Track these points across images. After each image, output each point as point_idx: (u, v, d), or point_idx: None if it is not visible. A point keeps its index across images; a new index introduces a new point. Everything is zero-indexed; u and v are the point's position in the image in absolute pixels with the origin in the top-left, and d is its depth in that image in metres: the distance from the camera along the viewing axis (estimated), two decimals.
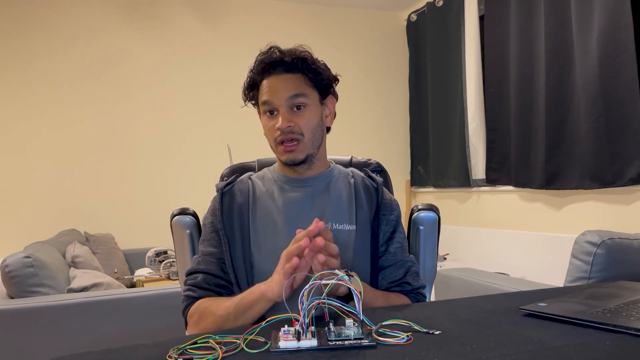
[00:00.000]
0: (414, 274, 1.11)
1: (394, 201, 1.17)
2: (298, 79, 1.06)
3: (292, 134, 1.04)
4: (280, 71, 1.06)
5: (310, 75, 1.06)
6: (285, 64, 1.06)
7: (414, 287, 1.10)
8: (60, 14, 3.57)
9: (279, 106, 1.05)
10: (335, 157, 1.30)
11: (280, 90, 1.05)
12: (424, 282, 1.13)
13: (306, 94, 1.06)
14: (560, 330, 0.76)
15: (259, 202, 1.11)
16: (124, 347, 0.74)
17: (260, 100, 1.09)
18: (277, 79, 1.06)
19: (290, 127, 1.04)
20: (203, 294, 1.04)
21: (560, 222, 2.92)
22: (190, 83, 3.85)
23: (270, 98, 1.06)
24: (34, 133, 3.49)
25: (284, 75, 1.06)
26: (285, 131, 1.04)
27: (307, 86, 1.06)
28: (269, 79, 1.07)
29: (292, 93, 1.05)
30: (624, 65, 2.41)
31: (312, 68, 1.06)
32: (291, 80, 1.06)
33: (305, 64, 1.06)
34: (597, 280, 1.52)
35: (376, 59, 4.39)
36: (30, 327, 1.87)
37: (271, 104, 1.06)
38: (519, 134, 3.08)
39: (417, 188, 4.30)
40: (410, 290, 1.10)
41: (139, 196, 3.71)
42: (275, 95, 1.05)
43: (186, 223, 1.27)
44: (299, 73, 1.06)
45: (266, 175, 1.17)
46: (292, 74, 1.06)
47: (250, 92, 1.12)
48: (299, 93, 1.05)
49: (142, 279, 2.90)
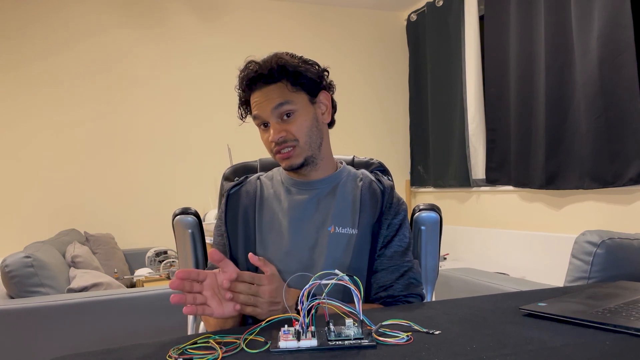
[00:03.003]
0: (407, 280, 1.07)
1: (402, 204, 1.14)
2: (280, 88, 1.06)
3: (286, 143, 1.05)
4: (261, 85, 1.07)
5: (292, 80, 1.06)
6: (264, 77, 1.06)
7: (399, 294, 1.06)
8: (58, 13, 3.57)
9: (268, 118, 1.06)
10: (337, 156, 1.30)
11: (264, 104, 1.06)
12: (419, 290, 1.08)
13: (291, 100, 1.06)
14: (560, 330, 0.76)
15: (266, 204, 1.13)
16: (124, 347, 0.75)
17: (252, 116, 1.11)
18: (260, 93, 1.07)
19: (283, 136, 1.05)
20: None
21: (560, 222, 2.92)
22: (190, 82, 3.85)
23: (257, 112, 1.07)
24: (33, 133, 3.49)
25: (265, 88, 1.06)
26: (279, 142, 1.05)
27: (291, 92, 1.06)
28: (254, 94, 1.08)
29: (276, 103, 1.05)
30: (624, 65, 2.41)
31: (291, 72, 1.06)
32: (273, 91, 1.06)
33: (283, 70, 1.05)
34: (597, 280, 1.52)
35: (376, 59, 4.39)
36: (30, 327, 1.87)
37: (260, 117, 1.07)
38: (519, 134, 3.08)
39: (417, 188, 4.30)
40: (395, 297, 1.06)
41: (139, 196, 3.71)
42: (261, 109, 1.06)
43: (188, 223, 1.28)
44: (279, 82, 1.06)
45: (275, 176, 1.18)
46: (273, 85, 1.06)
47: (245, 108, 1.13)
48: (283, 101, 1.05)
49: (142, 279, 2.90)
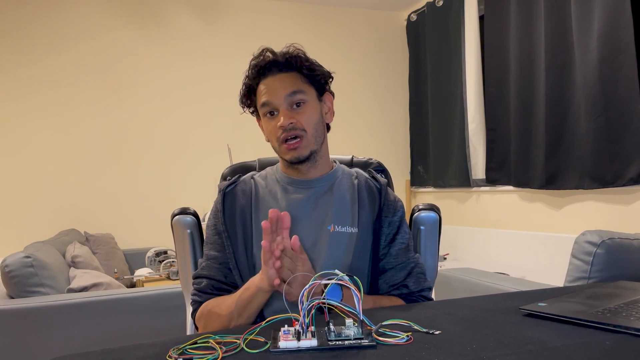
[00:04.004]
0: (416, 276, 1.09)
1: (398, 202, 1.15)
2: (294, 77, 1.06)
3: (295, 131, 1.04)
4: (275, 72, 1.07)
5: (306, 72, 1.07)
6: (280, 64, 1.06)
7: (412, 291, 1.08)
8: (59, 13, 3.57)
9: (279, 105, 1.05)
10: (336, 156, 1.30)
11: (277, 90, 1.05)
12: (428, 284, 1.11)
13: (304, 90, 1.06)
14: (560, 330, 0.76)
15: (262, 203, 1.11)
16: (124, 347, 0.75)
17: (259, 103, 1.08)
18: (273, 80, 1.06)
19: (293, 123, 1.04)
20: (208, 299, 1.06)
21: (560, 222, 2.92)
22: (190, 82, 3.85)
23: (269, 99, 1.06)
24: (33, 132, 3.49)
25: (280, 75, 1.06)
26: (288, 128, 1.04)
27: (304, 83, 1.07)
28: (265, 81, 1.07)
29: (291, 90, 1.05)
30: (624, 65, 2.41)
31: (306, 65, 1.07)
32: (288, 79, 1.06)
33: (299, 61, 1.06)
34: (597, 280, 1.52)
35: (376, 59, 4.39)
36: (30, 327, 1.87)
37: (270, 104, 1.06)
38: (519, 134, 3.08)
39: (417, 188, 4.30)
40: (409, 294, 1.08)
41: (139, 196, 3.70)
42: (273, 95, 1.05)
43: (187, 223, 1.27)
44: (294, 71, 1.07)
45: (269, 175, 1.17)
46: (287, 73, 1.07)
47: (248, 98, 1.12)
48: (297, 90, 1.05)
49: (142, 279, 2.90)
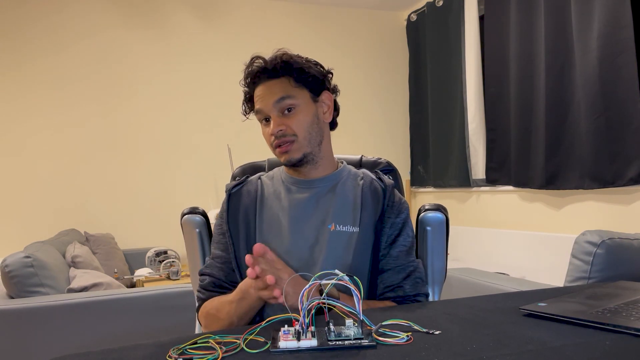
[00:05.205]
0: (414, 280, 1.08)
1: (404, 204, 1.15)
2: (283, 83, 1.08)
3: (285, 137, 1.07)
4: (264, 79, 1.09)
5: (295, 76, 1.08)
6: (268, 71, 1.08)
7: (408, 294, 1.07)
8: (58, 13, 3.57)
9: (269, 112, 1.08)
10: (345, 156, 1.30)
11: (267, 97, 1.08)
12: (425, 290, 1.10)
13: (293, 95, 1.07)
14: (560, 330, 0.76)
15: (266, 203, 1.13)
16: (124, 347, 0.74)
17: (255, 111, 1.12)
18: (263, 87, 1.09)
19: (282, 130, 1.06)
20: (210, 296, 1.10)
21: (560, 222, 2.92)
22: (190, 82, 3.85)
23: (260, 106, 1.09)
24: (33, 132, 3.49)
25: (269, 82, 1.09)
26: (278, 135, 1.07)
27: (295, 87, 1.08)
28: (258, 89, 1.11)
29: (278, 97, 1.07)
30: (624, 65, 2.41)
31: (295, 69, 1.08)
32: (276, 85, 1.08)
33: (287, 66, 1.08)
34: (597, 280, 1.52)
35: (376, 59, 4.39)
36: (30, 327, 1.87)
37: (262, 111, 1.09)
38: (519, 134, 3.08)
39: (417, 188, 4.30)
40: (404, 297, 1.07)
41: (139, 196, 3.71)
42: (263, 102, 1.08)
43: (196, 222, 1.28)
44: (283, 77, 1.08)
45: (276, 175, 1.19)
46: (276, 79, 1.08)
47: (248, 104, 1.15)
48: (285, 96, 1.07)
49: (142, 279, 2.90)
